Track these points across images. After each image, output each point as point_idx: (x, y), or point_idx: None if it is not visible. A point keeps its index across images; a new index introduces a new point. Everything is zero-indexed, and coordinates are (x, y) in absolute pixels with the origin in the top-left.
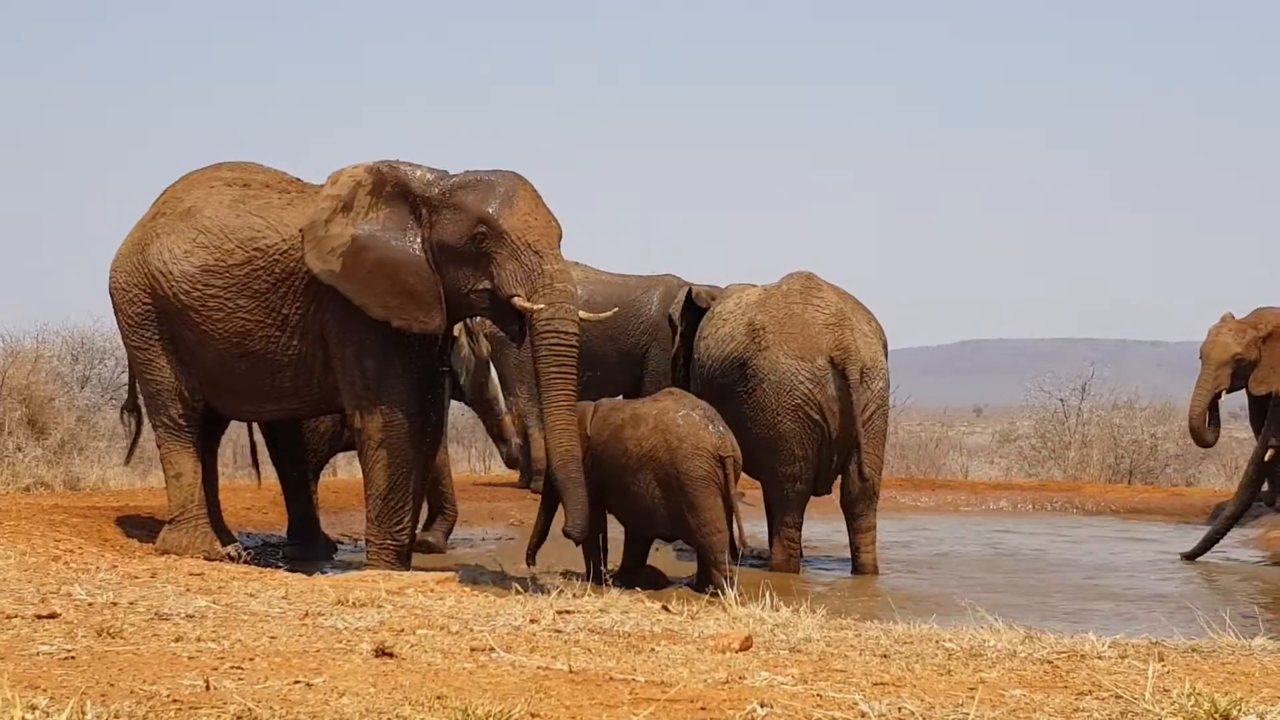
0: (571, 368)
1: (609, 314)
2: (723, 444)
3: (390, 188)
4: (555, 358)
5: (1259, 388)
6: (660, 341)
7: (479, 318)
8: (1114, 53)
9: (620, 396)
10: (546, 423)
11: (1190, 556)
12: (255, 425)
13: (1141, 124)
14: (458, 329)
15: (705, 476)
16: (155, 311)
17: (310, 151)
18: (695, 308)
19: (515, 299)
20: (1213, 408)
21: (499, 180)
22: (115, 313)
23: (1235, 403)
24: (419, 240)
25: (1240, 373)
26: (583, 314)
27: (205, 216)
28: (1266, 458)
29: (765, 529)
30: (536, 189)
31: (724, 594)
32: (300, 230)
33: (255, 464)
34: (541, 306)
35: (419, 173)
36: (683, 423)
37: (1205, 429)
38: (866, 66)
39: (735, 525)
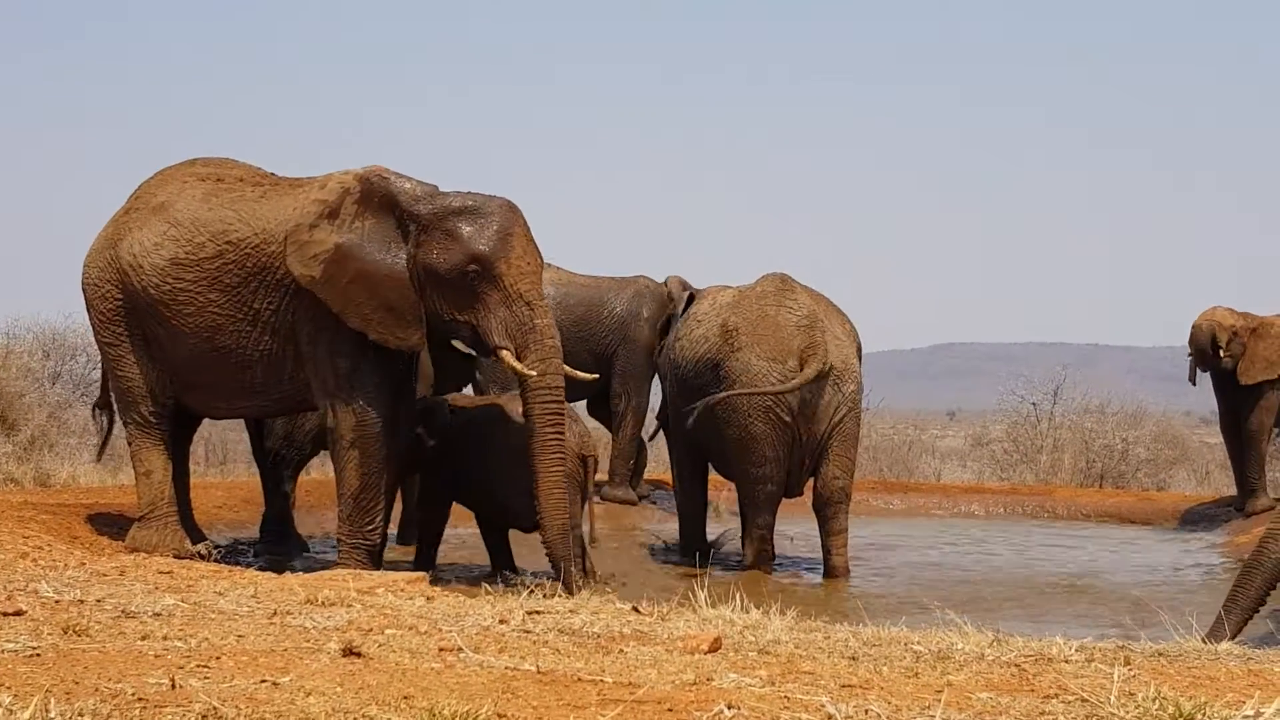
0: (564, 427)
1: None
2: (584, 444)
3: (379, 199)
4: (549, 415)
5: (1244, 377)
6: (629, 342)
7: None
8: (1085, 53)
9: (587, 397)
10: (540, 488)
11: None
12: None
13: (1116, 127)
14: None
15: (567, 476)
16: (127, 307)
17: (293, 154)
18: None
19: (503, 351)
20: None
21: (494, 212)
22: (87, 308)
23: (1207, 407)
24: (404, 256)
25: (1232, 349)
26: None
27: (177, 210)
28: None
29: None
30: (526, 221)
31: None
32: (281, 229)
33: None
34: (534, 374)
35: (409, 186)
36: None
37: (1209, 354)
38: (838, 67)
39: (589, 522)
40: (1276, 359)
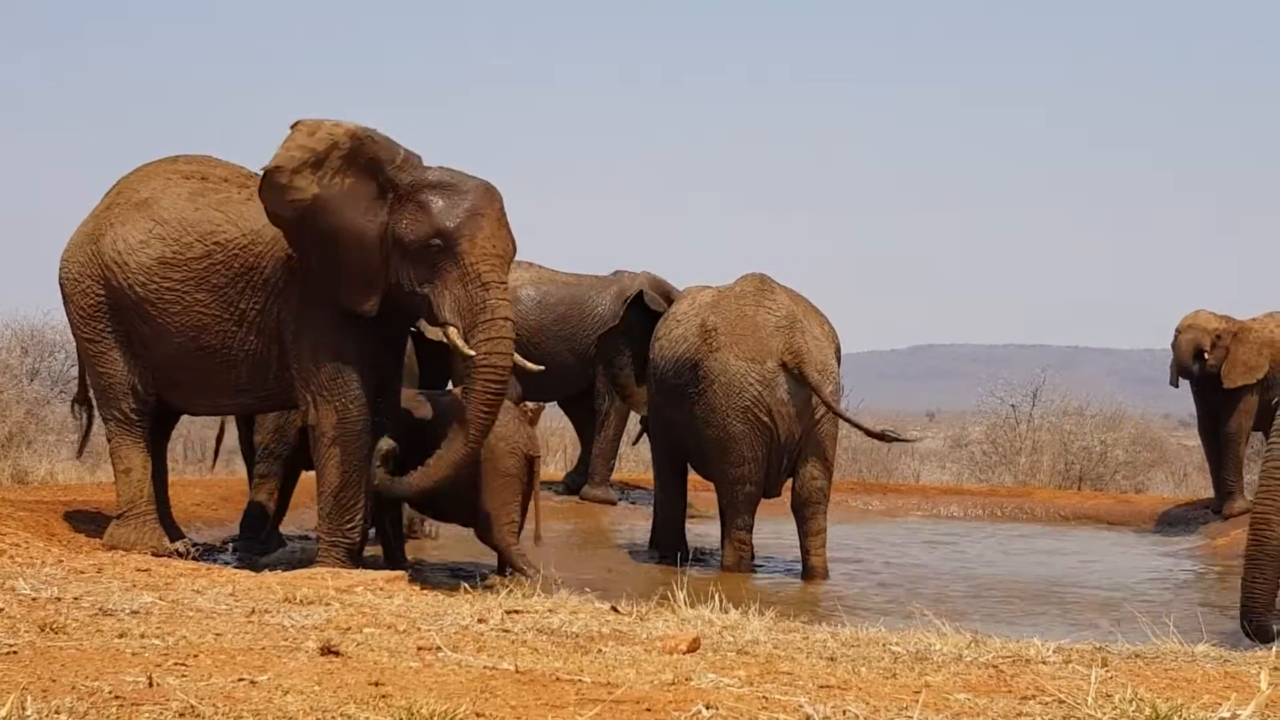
0: (498, 408)
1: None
2: (531, 445)
3: (365, 160)
4: (488, 395)
5: (1226, 380)
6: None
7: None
8: (1065, 58)
9: (569, 395)
10: (446, 450)
11: None
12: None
13: (1099, 131)
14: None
15: (514, 475)
16: (108, 303)
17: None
18: (644, 309)
19: (449, 329)
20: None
21: (469, 191)
22: (66, 304)
23: (1185, 410)
24: (377, 222)
25: (1215, 352)
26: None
27: (163, 208)
28: None
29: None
30: (503, 204)
31: (526, 577)
32: (268, 231)
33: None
34: (476, 353)
35: (396, 153)
36: (500, 421)
37: (1191, 364)
38: (822, 67)
39: (535, 521)
40: (1256, 363)
